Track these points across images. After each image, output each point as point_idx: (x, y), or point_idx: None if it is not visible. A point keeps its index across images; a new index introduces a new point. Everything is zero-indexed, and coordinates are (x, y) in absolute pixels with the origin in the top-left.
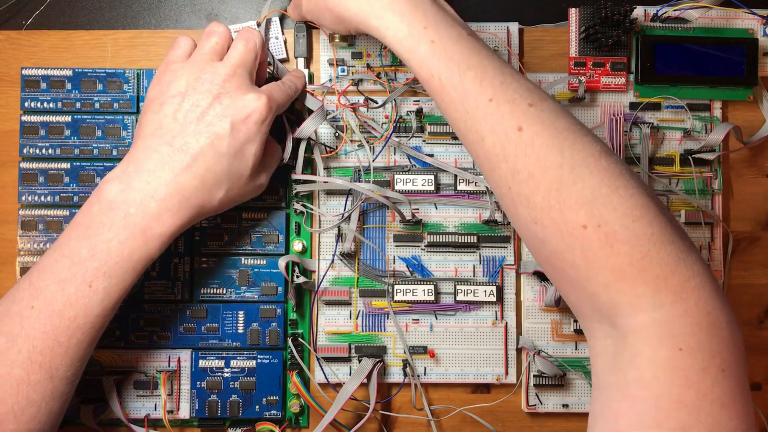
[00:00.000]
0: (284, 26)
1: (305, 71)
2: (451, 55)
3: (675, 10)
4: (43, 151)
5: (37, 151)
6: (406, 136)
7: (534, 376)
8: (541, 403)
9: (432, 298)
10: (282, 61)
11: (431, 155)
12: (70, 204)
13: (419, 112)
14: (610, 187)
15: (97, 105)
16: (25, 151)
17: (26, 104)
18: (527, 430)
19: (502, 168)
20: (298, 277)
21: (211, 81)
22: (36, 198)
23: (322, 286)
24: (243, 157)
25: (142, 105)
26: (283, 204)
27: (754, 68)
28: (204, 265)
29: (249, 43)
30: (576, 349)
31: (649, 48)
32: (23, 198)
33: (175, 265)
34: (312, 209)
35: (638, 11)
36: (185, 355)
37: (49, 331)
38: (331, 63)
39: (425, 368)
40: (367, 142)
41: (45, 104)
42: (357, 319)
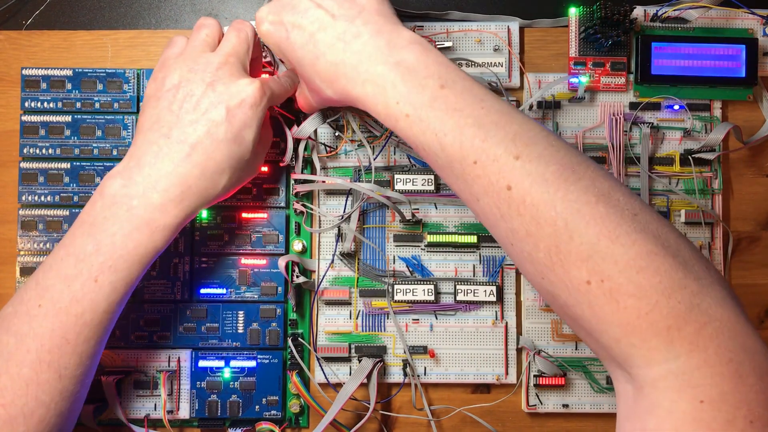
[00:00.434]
0: None
1: None
2: (428, 124)
3: (675, 10)
4: (43, 151)
5: (37, 151)
6: None
7: (534, 375)
8: (541, 403)
9: (432, 298)
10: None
11: None
12: (70, 204)
13: None
14: (610, 237)
15: (97, 105)
16: (25, 151)
17: (26, 104)
18: (527, 430)
19: (501, 227)
20: (298, 277)
21: (203, 70)
22: (36, 198)
23: (322, 286)
24: (242, 142)
25: (141, 104)
26: (283, 204)
27: (754, 68)
28: (204, 265)
29: (241, 33)
30: (576, 349)
31: (649, 48)
32: (23, 198)
33: (175, 265)
34: (312, 209)
35: (638, 11)
36: (185, 355)
37: (56, 329)
38: None
39: (425, 368)
40: (367, 142)
41: (45, 104)
42: (357, 319)
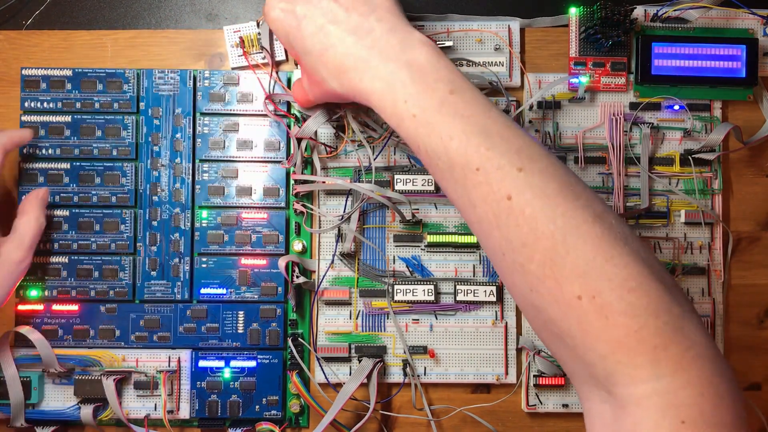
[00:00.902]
0: None
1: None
2: (434, 127)
3: (675, 10)
4: (43, 151)
5: (37, 151)
6: None
7: (534, 375)
8: (541, 403)
9: (432, 298)
10: (280, 62)
11: None
12: (70, 204)
13: None
14: (605, 256)
15: (97, 105)
16: (25, 150)
17: (26, 104)
18: (527, 430)
19: (495, 236)
20: (298, 277)
21: None
22: None
23: (322, 286)
24: None
25: (142, 105)
26: (283, 204)
27: (754, 68)
28: (204, 265)
29: None
30: None
31: (649, 48)
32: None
33: (175, 265)
34: (312, 209)
35: (638, 11)
36: (185, 355)
37: None
38: None
39: (425, 368)
40: (367, 142)
41: (45, 104)
42: (357, 319)
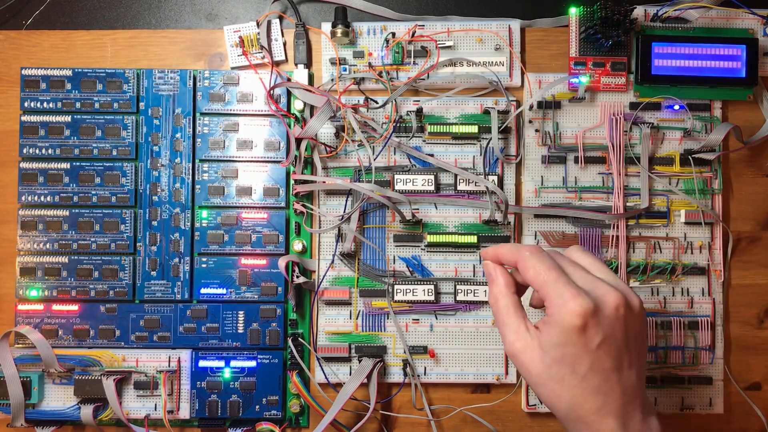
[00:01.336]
0: (283, 27)
1: (305, 72)
2: None
3: (675, 10)
4: (43, 151)
5: (37, 151)
6: (407, 136)
7: None
8: (541, 403)
9: (432, 298)
10: (280, 62)
11: (431, 155)
12: (70, 204)
13: (419, 112)
14: None
15: (96, 105)
16: (25, 151)
17: (26, 104)
18: (527, 430)
19: None
20: (298, 277)
21: None
22: (36, 198)
23: (322, 286)
24: None
25: (141, 105)
26: (283, 204)
27: (755, 68)
28: (204, 265)
29: None
30: None
31: (649, 48)
32: (23, 198)
33: (175, 265)
34: (312, 209)
35: (638, 11)
36: (185, 355)
37: None
38: (333, 62)
39: (425, 368)
40: (368, 142)
41: (45, 104)
42: (357, 319)
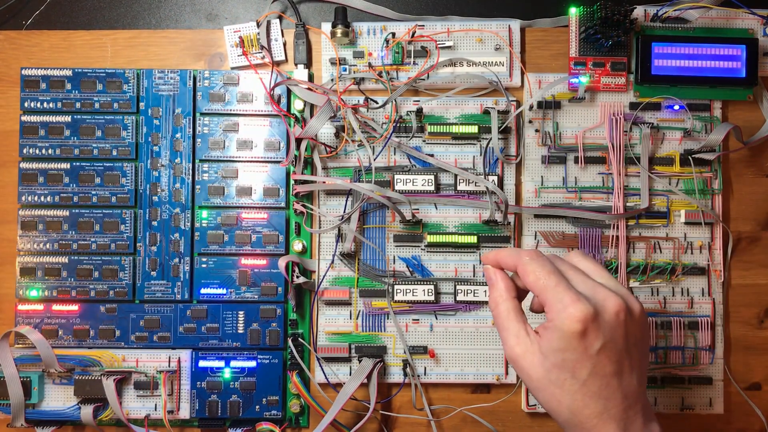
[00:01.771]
0: (283, 27)
1: (305, 72)
2: None
3: (675, 10)
4: (43, 151)
5: (37, 151)
6: (407, 136)
7: None
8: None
9: (432, 298)
10: (280, 62)
11: (431, 155)
12: (70, 204)
13: (419, 112)
14: None
15: (96, 105)
16: (25, 151)
17: (26, 104)
18: (527, 430)
19: None
20: (298, 277)
21: None
22: (36, 198)
23: (322, 286)
24: None
25: (141, 105)
26: (283, 204)
27: (755, 68)
28: (204, 265)
29: None
30: None
31: (649, 48)
32: (23, 198)
33: (175, 265)
34: (312, 209)
35: (638, 11)
36: (185, 355)
37: None
38: (333, 62)
39: (425, 368)
40: (368, 142)
41: (45, 104)
42: (357, 319)
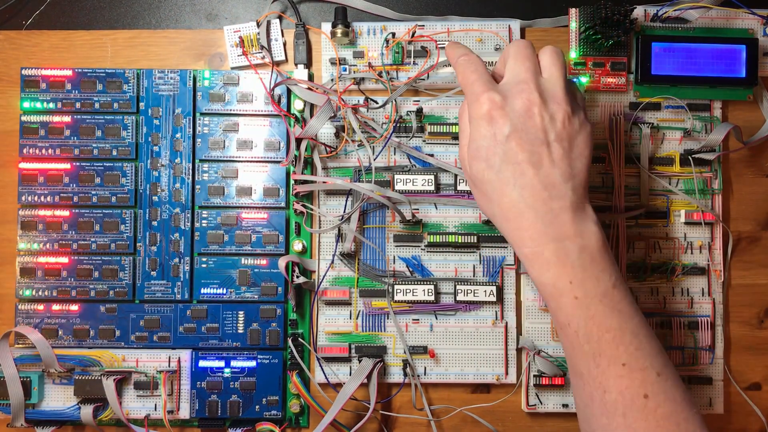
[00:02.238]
0: (283, 27)
1: (305, 71)
2: (593, 315)
3: (675, 10)
4: (43, 151)
5: (37, 151)
6: (407, 136)
7: (534, 375)
8: (541, 403)
9: (432, 298)
10: (280, 62)
11: (431, 155)
12: (70, 204)
13: (419, 112)
14: None
15: (96, 105)
16: (25, 151)
17: (26, 104)
18: (527, 429)
19: (618, 421)
20: (298, 277)
21: None
22: (36, 198)
23: (322, 286)
24: None
25: (141, 105)
26: (283, 204)
27: (754, 68)
28: (204, 265)
29: None
30: None
31: (649, 48)
32: (23, 198)
33: (175, 265)
34: (312, 209)
35: (638, 11)
36: (185, 355)
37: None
38: (333, 62)
39: (425, 368)
40: (368, 142)
41: (45, 104)
42: (357, 319)
